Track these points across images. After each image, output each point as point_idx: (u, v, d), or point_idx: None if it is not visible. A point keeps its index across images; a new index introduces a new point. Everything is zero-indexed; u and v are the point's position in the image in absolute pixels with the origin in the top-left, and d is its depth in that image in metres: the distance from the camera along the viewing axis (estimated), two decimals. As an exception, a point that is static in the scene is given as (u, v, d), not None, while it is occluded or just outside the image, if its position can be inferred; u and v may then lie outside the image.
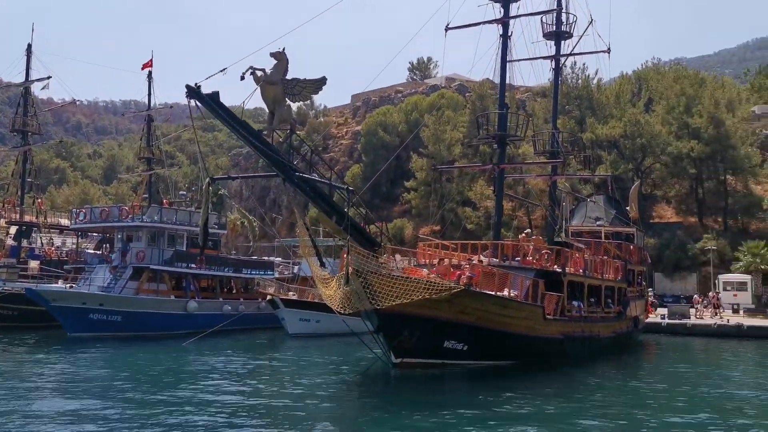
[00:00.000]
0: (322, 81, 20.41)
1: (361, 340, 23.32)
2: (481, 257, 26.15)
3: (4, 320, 35.41)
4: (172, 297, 36.57)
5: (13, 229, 47.73)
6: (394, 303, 20.08)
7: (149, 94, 48.02)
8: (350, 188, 20.84)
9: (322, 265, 22.22)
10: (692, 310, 42.78)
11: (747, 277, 48.03)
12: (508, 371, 22.95)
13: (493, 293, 22.72)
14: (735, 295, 46.79)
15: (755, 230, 55.89)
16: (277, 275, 44.35)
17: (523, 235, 29.45)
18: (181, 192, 52.22)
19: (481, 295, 22.22)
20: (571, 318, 26.52)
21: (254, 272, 42.86)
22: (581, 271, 28.10)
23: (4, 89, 55.92)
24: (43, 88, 47.33)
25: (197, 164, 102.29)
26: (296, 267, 44.98)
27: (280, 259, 51.36)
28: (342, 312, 21.16)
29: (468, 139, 62.45)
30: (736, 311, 44.32)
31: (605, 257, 31.25)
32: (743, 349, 32.60)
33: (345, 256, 20.31)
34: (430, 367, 22.26)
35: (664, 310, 43.25)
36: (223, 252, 47.82)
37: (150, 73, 47.96)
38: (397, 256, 23.65)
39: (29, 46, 46.81)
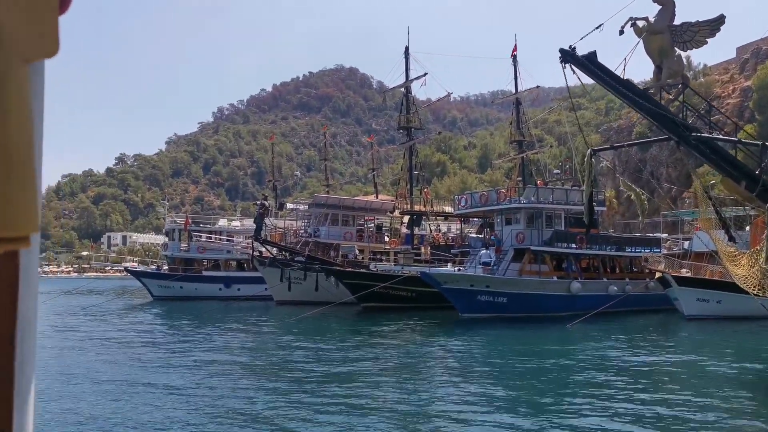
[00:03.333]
0: (719, 21, 17.04)
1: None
2: None
3: (404, 301, 38.97)
4: (555, 278, 35.94)
5: (406, 219, 52.70)
6: (836, 282, 16.03)
7: (515, 78, 48.42)
8: (766, 143, 17.12)
9: (731, 239, 18.84)
10: None
11: None
12: None
13: None
14: None
15: None
16: (665, 252, 40.70)
17: None
18: (554, 171, 51.48)
19: None
20: None
21: (639, 250, 39.90)
22: None
23: (391, 95, 61.81)
24: (421, 86, 51.02)
25: (565, 145, 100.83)
26: (686, 242, 40.63)
27: (666, 234, 47.13)
28: (761, 295, 17.74)
29: None
30: None
31: None
32: None
33: (761, 228, 16.83)
34: None
35: None
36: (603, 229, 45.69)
37: (515, 57, 48.24)
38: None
39: (406, 48, 50.70)
